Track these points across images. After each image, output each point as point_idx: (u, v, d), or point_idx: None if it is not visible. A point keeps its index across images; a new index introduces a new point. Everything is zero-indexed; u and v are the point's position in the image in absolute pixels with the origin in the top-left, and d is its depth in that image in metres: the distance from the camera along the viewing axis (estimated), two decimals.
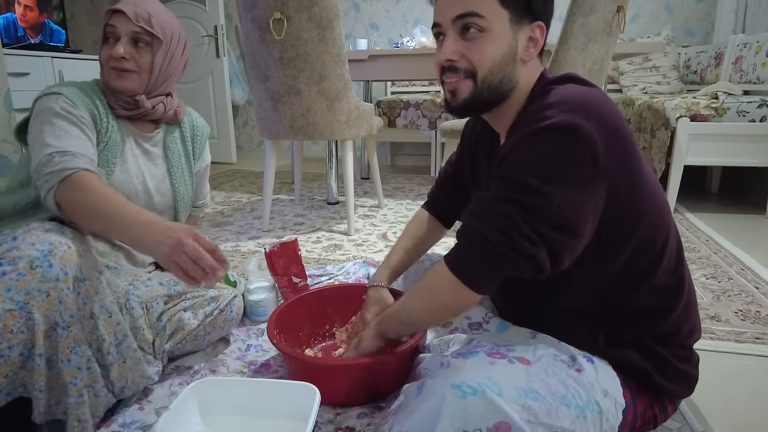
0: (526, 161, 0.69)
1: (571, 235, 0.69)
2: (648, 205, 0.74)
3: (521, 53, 0.77)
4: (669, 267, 0.77)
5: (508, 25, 0.75)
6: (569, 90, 0.72)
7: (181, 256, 0.79)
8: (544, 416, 0.66)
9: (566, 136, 0.66)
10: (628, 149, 0.70)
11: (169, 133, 1.15)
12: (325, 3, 1.80)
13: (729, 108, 2.25)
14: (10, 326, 0.75)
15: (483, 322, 0.97)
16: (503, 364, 0.71)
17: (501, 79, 0.77)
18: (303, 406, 0.83)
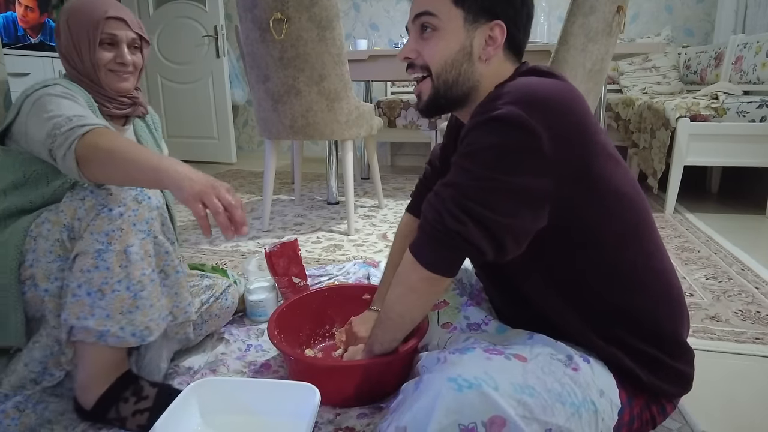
0: (471, 149, 0.72)
1: (506, 215, 0.70)
2: (614, 202, 0.74)
3: (478, 52, 0.79)
4: (643, 263, 0.77)
5: (462, 25, 0.78)
6: (522, 82, 0.73)
7: (212, 198, 0.78)
8: (539, 412, 0.66)
9: (508, 126, 0.68)
10: (583, 143, 0.71)
11: (138, 126, 1.16)
12: (325, 3, 1.80)
13: (729, 108, 2.25)
14: (149, 251, 0.89)
15: (482, 323, 0.97)
16: (500, 360, 0.71)
17: (456, 76, 0.80)
18: (303, 406, 0.83)
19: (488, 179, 0.69)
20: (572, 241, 0.75)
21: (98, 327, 0.85)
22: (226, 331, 1.26)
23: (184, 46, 3.89)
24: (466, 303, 1.02)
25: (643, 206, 0.78)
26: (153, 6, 3.98)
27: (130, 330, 0.87)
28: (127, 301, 0.86)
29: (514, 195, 0.70)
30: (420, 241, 0.77)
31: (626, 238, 0.76)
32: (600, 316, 0.78)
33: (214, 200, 0.77)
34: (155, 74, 4.06)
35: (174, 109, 4.08)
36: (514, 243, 0.73)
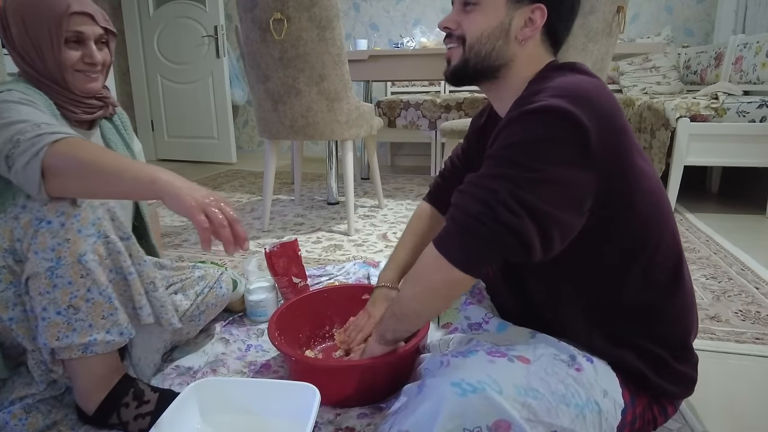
0: (515, 140, 0.69)
1: (558, 209, 0.67)
2: (643, 201, 0.73)
3: (515, 32, 0.79)
4: (665, 265, 0.77)
5: (504, 4, 0.78)
6: (567, 77, 0.72)
7: (215, 210, 0.75)
8: (543, 414, 0.66)
9: (555, 118, 0.67)
10: (623, 143, 0.70)
11: (105, 128, 1.08)
12: (325, 3, 1.80)
13: (729, 108, 2.25)
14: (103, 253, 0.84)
15: (483, 323, 0.97)
16: (503, 362, 0.71)
17: (490, 51, 0.80)
18: (303, 406, 0.83)
19: (538, 171, 0.66)
20: (602, 239, 0.74)
21: (83, 340, 0.82)
22: (226, 331, 1.26)
23: (184, 46, 3.89)
24: (465, 302, 1.02)
25: (668, 206, 0.78)
26: (153, 6, 3.98)
27: (117, 330, 0.85)
28: (105, 305, 0.83)
29: (565, 188, 0.67)
30: (456, 238, 0.72)
31: (654, 236, 0.75)
32: (617, 316, 0.77)
33: (217, 213, 0.75)
34: (155, 74, 4.06)
35: (174, 109, 4.08)
36: (560, 240, 0.70)
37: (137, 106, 4.19)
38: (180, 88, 4.00)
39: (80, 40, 0.93)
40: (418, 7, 3.98)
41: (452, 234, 0.72)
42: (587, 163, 0.67)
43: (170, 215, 2.46)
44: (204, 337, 1.22)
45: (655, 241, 0.75)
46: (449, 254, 0.72)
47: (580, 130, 0.66)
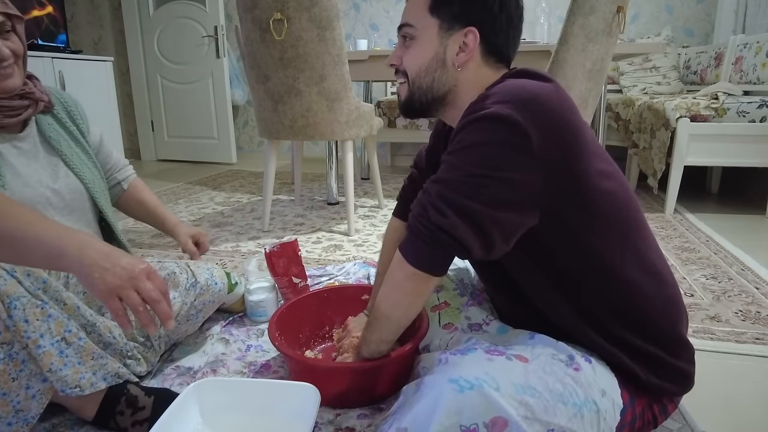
0: (458, 147, 0.72)
1: (492, 207, 0.69)
2: (602, 200, 0.74)
3: (451, 59, 0.81)
4: (639, 262, 0.77)
5: (437, 33, 0.81)
6: (511, 83, 0.74)
7: (132, 294, 0.66)
8: (540, 413, 0.66)
9: (496, 123, 0.68)
10: (572, 145, 0.71)
11: (43, 123, 0.98)
12: (325, 3, 1.80)
13: (729, 108, 2.25)
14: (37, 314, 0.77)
15: (483, 324, 0.97)
16: (501, 360, 0.71)
17: (431, 82, 0.83)
18: (303, 406, 0.83)
19: (476, 175, 0.69)
20: (561, 239, 0.75)
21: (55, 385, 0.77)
22: (226, 331, 1.26)
23: (185, 47, 3.89)
24: (466, 303, 1.02)
25: (631, 204, 0.78)
26: (153, 6, 3.98)
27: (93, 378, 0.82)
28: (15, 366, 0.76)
29: (502, 189, 0.69)
30: (407, 239, 0.77)
31: (614, 235, 0.76)
32: (598, 313, 0.78)
33: (132, 295, 0.66)
34: (155, 74, 4.07)
35: (174, 110, 4.08)
36: (502, 239, 0.72)
37: (137, 106, 4.19)
38: (180, 88, 4.01)
39: None
40: None
41: (407, 236, 0.77)
42: (529, 165, 0.69)
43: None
44: (204, 338, 1.23)
45: (623, 240, 0.76)
46: (404, 253, 0.77)
47: (521, 134, 0.68)
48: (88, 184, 1.04)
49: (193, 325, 1.14)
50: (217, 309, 1.29)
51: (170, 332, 1.07)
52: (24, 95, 0.91)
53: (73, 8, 4.12)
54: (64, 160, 1.01)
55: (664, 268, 0.81)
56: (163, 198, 2.83)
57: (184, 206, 2.65)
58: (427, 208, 0.72)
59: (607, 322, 0.77)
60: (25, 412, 0.78)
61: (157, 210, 1.30)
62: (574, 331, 0.79)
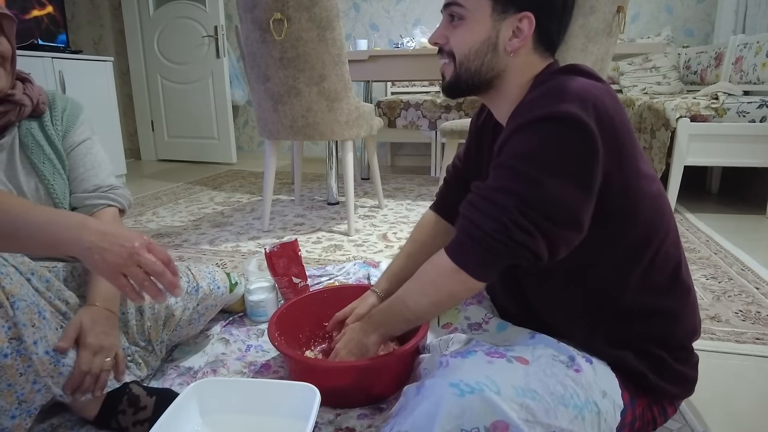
0: (522, 150, 0.69)
1: (568, 226, 0.69)
2: (644, 203, 0.73)
3: (503, 43, 0.78)
4: (665, 268, 0.77)
5: (489, 15, 0.77)
6: (569, 80, 0.71)
7: (135, 270, 0.66)
8: (542, 415, 0.66)
9: (563, 125, 0.66)
10: (626, 145, 0.70)
11: (23, 129, 0.93)
12: (325, 3, 1.80)
13: (729, 108, 2.25)
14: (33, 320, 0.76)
15: (483, 323, 0.97)
16: (501, 363, 0.71)
17: (479, 66, 0.79)
18: (303, 406, 0.83)
19: (547, 188, 0.67)
20: (604, 243, 0.74)
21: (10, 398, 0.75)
22: (226, 331, 1.26)
23: (185, 47, 3.89)
24: (465, 302, 1.02)
25: (669, 208, 0.78)
26: (153, 6, 3.98)
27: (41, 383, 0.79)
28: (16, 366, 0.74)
29: (576, 201, 0.68)
30: (469, 251, 0.73)
31: (655, 239, 0.75)
32: (619, 318, 0.77)
33: (136, 271, 0.66)
34: (155, 74, 4.07)
35: (174, 110, 4.08)
36: (565, 250, 0.71)
37: (137, 106, 4.19)
38: (180, 88, 4.01)
39: None
40: (418, 7, 3.98)
41: (467, 247, 0.73)
42: (594, 167, 0.67)
43: (170, 215, 2.46)
44: (204, 338, 1.23)
45: (656, 244, 0.75)
46: (467, 267, 0.74)
47: (588, 135, 0.66)
48: (56, 197, 0.96)
49: (195, 328, 1.14)
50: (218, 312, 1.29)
51: (172, 336, 1.07)
52: (6, 99, 0.87)
53: (73, 8, 4.12)
54: (35, 170, 0.95)
55: (689, 275, 0.81)
56: (163, 198, 2.83)
57: (184, 206, 2.65)
58: (509, 228, 0.68)
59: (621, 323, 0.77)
60: (29, 404, 0.78)
61: None
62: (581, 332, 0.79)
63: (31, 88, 0.94)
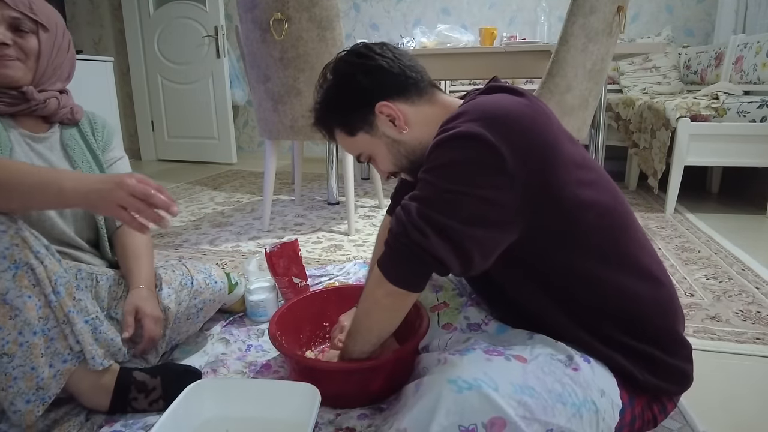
0: (434, 164, 0.73)
1: (469, 225, 0.69)
2: (580, 207, 0.73)
3: (395, 135, 0.87)
4: (625, 266, 0.77)
5: (370, 138, 0.89)
6: (481, 101, 0.75)
7: (128, 198, 0.75)
8: (539, 413, 0.66)
9: (468, 141, 0.69)
10: (547, 158, 0.70)
11: (66, 133, 1.04)
12: (325, 3, 1.80)
13: (729, 108, 2.25)
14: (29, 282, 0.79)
15: (482, 324, 0.97)
16: (500, 361, 0.71)
17: (405, 158, 0.89)
18: (303, 406, 0.83)
19: (452, 192, 0.70)
20: (543, 252, 0.75)
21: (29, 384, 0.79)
22: (226, 331, 1.26)
23: (185, 47, 3.89)
24: (465, 303, 1.02)
25: (618, 210, 0.78)
26: (153, 6, 3.98)
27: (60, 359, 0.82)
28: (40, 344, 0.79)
29: (479, 207, 0.69)
30: (386, 256, 0.76)
31: (600, 244, 0.75)
32: (591, 318, 0.77)
33: (130, 200, 0.75)
34: (155, 74, 4.07)
35: (174, 110, 4.08)
36: (481, 256, 0.72)
37: (137, 106, 4.19)
38: (180, 88, 4.01)
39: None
40: (418, 7, 3.98)
41: (385, 253, 0.77)
42: (504, 182, 0.69)
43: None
44: (204, 338, 1.23)
45: (612, 247, 0.76)
46: (386, 272, 0.76)
47: (493, 152, 0.68)
48: None
49: (194, 325, 1.14)
50: (217, 309, 1.29)
51: (171, 332, 1.07)
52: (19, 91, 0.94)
53: (73, 8, 4.12)
54: (74, 168, 1.04)
55: (658, 269, 0.81)
56: None
57: (184, 206, 2.65)
58: (407, 227, 0.71)
59: (602, 325, 0.77)
60: (45, 391, 0.82)
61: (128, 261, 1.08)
62: (569, 335, 0.79)
63: (66, 98, 1.04)
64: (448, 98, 0.89)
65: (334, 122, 0.93)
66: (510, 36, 2.63)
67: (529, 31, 3.51)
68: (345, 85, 0.88)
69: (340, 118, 0.91)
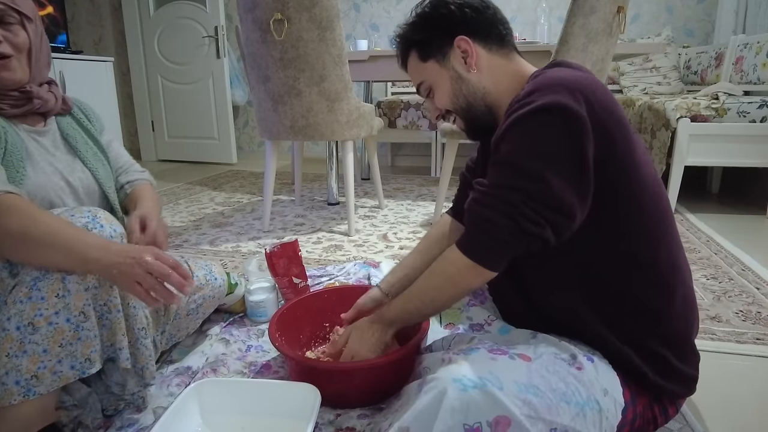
0: (520, 145, 0.71)
1: (570, 211, 0.71)
2: (641, 193, 0.74)
3: (463, 72, 0.87)
4: (666, 263, 0.77)
5: (439, 67, 0.88)
6: (554, 73, 0.74)
7: (146, 277, 0.76)
8: (544, 412, 0.66)
9: (554, 115, 0.68)
10: (620, 131, 0.72)
11: (62, 123, 1.03)
12: (325, 4, 1.80)
13: (729, 108, 2.25)
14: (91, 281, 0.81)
15: (485, 324, 0.97)
16: (504, 359, 0.71)
17: (465, 100, 0.88)
18: (303, 406, 0.83)
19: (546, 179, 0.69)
20: (601, 231, 0.75)
21: (31, 366, 0.76)
22: (226, 332, 1.26)
23: (185, 47, 3.89)
24: (468, 303, 1.02)
25: (667, 202, 0.79)
26: (153, 7, 3.98)
27: (69, 363, 0.79)
28: (67, 333, 0.79)
29: (574, 188, 0.70)
30: (478, 243, 0.76)
31: (652, 231, 0.76)
32: (619, 312, 0.77)
33: (147, 278, 0.76)
34: (156, 75, 4.07)
35: (174, 110, 4.08)
36: (569, 232, 0.73)
37: (138, 106, 4.19)
38: (180, 88, 4.01)
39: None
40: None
41: (483, 243, 0.76)
42: (587, 156, 0.69)
43: (170, 216, 2.46)
44: (204, 338, 1.22)
45: (656, 238, 0.76)
46: (484, 261, 0.76)
47: (579, 121, 0.68)
48: (100, 179, 1.04)
49: (194, 321, 1.14)
50: (217, 309, 1.29)
51: (171, 329, 1.07)
52: (22, 91, 0.92)
53: (74, 8, 4.12)
54: (80, 157, 1.03)
55: (687, 270, 0.81)
56: (164, 198, 2.83)
57: (184, 206, 2.65)
58: (521, 222, 0.70)
59: (624, 321, 0.77)
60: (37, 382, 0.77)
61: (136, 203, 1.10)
62: (589, 329, 0.78)
63: (55, 88, 1.01)
64: (523, 61, 0.89)
65: (412, 42, 0.91)
66: None
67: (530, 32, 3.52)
68: (437, 8, 0.87)
69: (420, 39, 0.89)
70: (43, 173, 0.94)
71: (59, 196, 0.95)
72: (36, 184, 0.90)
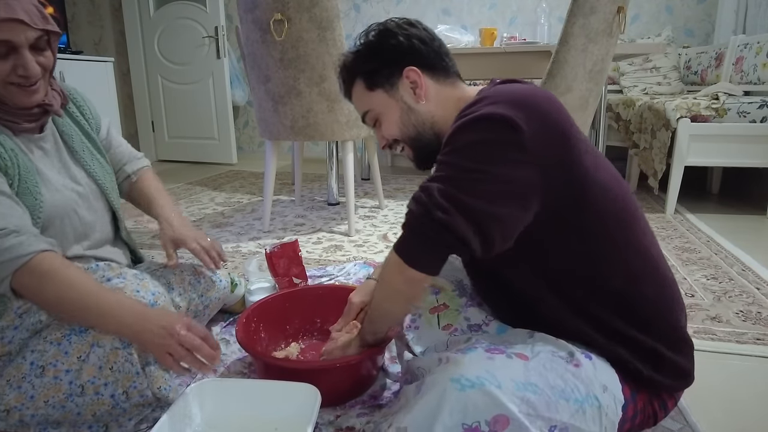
0: (454, 147, 0.73)
1: (492, 205, 0.69)
2: (593, 189, 0.74)
3: (411, 102, 0.88)
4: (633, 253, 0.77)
5: (387, 97, 0.89)
6: (499, 88, 0.76)
7: (177, 348, 0.79)
8: (543, 409, 0.66)
9: (489, 123, 0.70)
10: (562, 138, 0.72)
11: (58, 122, 1.00)
12: (325, 4, 1.80)
13: (730, 109, 2.25)
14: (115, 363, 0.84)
15: (483, 324, 0.97)
16: (502, 358, 0.72)
17: (414, 129, 0.89)
18: (303, 406, 0.83)
19: (475, 171, 0.70)
20: (557, 232, 0.75)
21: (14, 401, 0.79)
22: (226, 332, 1.26)
23: (185, 47, 3.89)
24: (465, 304, 1.02)
25: (627, 197, 0.79)
26: (153, 7, 3.98)
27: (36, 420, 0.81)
28: (59, 395, 0.80)
29: (502, 186, 0.70)
30: (405, 239, 0.75)
31: (610, 226, 0.76)
32: (595, 310, 0.77)
33: (178, 349, 0.79)
34: (156, 75, 4.07)
35: (174, 110, 4.08)
36: (501, 237, 0.72)
37: (138, 106, 4.19)
38: (180, 88, 4.01)
39: (10, 50, 0.82)
40: (418, 8, 3.98)
41: (403, 235, 0.76)
42: (525, 160, 0.69)
43: None
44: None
45: (621, 233, 0.76)
46: (402, 254, 0.75)
47: (514, 131, 0.69)
48: (99, 180, 1.04)
49: (200, 322, 1.16)
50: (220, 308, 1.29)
51: None
52: (41, 105, 0.91)
53: (74, 9, 4.12)
54: (76, 158, 1.02)
55: (664, 264, 0.81)
56: None
57: (184, 206, 2.65)
58: (429, 207, 0.70)
59: (605, 317, 0.77)
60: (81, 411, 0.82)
61: (151, 204, 1.17)
62: (573, 330, 0.79)
63: (55, 83, 0.98)
64: (468, 89, 0.91)
65: (359, 71, 0.92)
66: (510, 36, 2.64)
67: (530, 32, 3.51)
68: (385, 39, 0.90)
69: (367, 69, 0.91)
70: (57, 191, 0.94)
71: (74, 209, 0.96)
72: (52, 205, 0.91)
